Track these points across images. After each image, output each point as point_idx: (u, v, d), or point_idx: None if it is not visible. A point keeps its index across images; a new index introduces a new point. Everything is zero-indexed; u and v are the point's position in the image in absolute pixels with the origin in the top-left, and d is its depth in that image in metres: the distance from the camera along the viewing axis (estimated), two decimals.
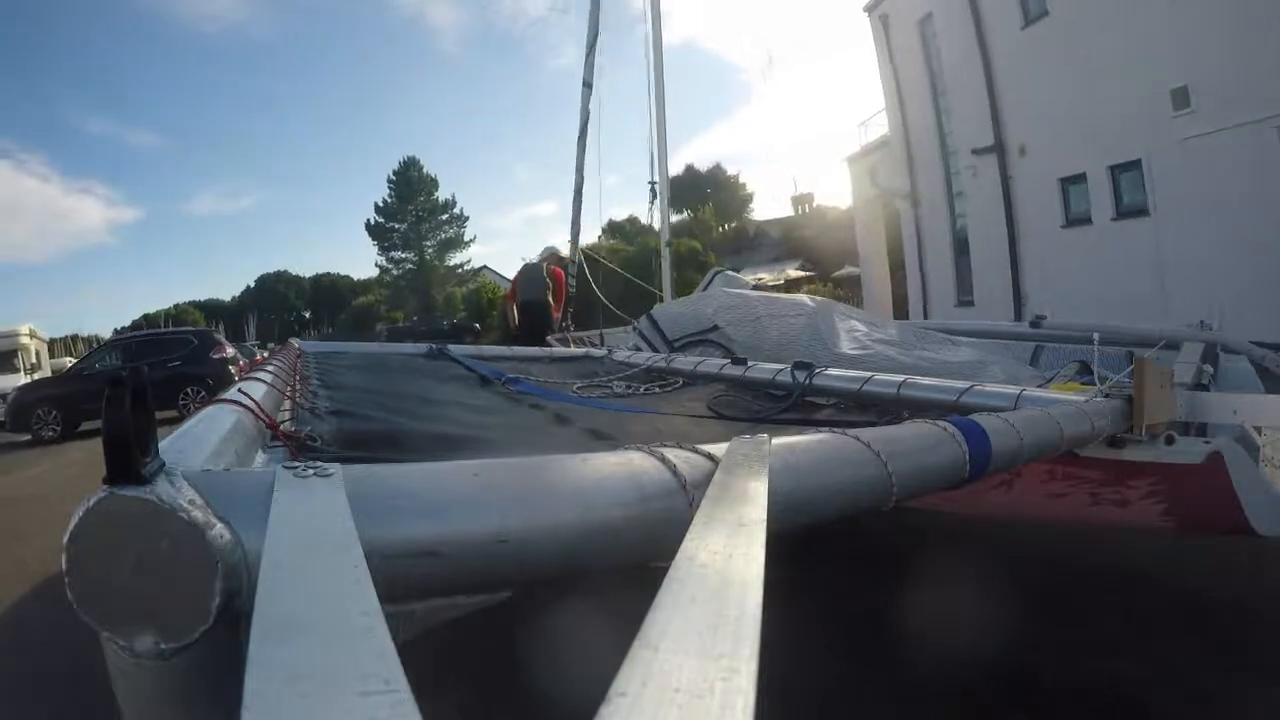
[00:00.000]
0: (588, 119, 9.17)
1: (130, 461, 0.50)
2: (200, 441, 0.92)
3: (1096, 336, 2.57)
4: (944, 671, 1.85)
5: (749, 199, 45.84)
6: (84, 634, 0.49)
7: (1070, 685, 2.03)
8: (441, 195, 50.59)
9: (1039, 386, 2.15)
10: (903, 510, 1.10)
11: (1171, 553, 2.65)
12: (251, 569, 0.51)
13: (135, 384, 0.52)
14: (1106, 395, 1.77)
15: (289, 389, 2.02)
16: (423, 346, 4.18)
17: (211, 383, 10.97)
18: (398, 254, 50.60)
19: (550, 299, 8.16)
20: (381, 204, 50.30)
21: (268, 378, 1.83)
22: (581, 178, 9.26)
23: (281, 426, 1.41)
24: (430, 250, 50.24)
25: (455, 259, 51.57)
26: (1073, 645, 2.23)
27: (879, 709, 1.95)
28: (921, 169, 16.44)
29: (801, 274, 24.51)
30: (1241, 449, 1.65)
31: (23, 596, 3.33)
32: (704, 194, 42.28)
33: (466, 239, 51.59)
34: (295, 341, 3.67)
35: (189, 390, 11.38)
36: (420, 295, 47.68)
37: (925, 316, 15.04)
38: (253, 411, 1.29)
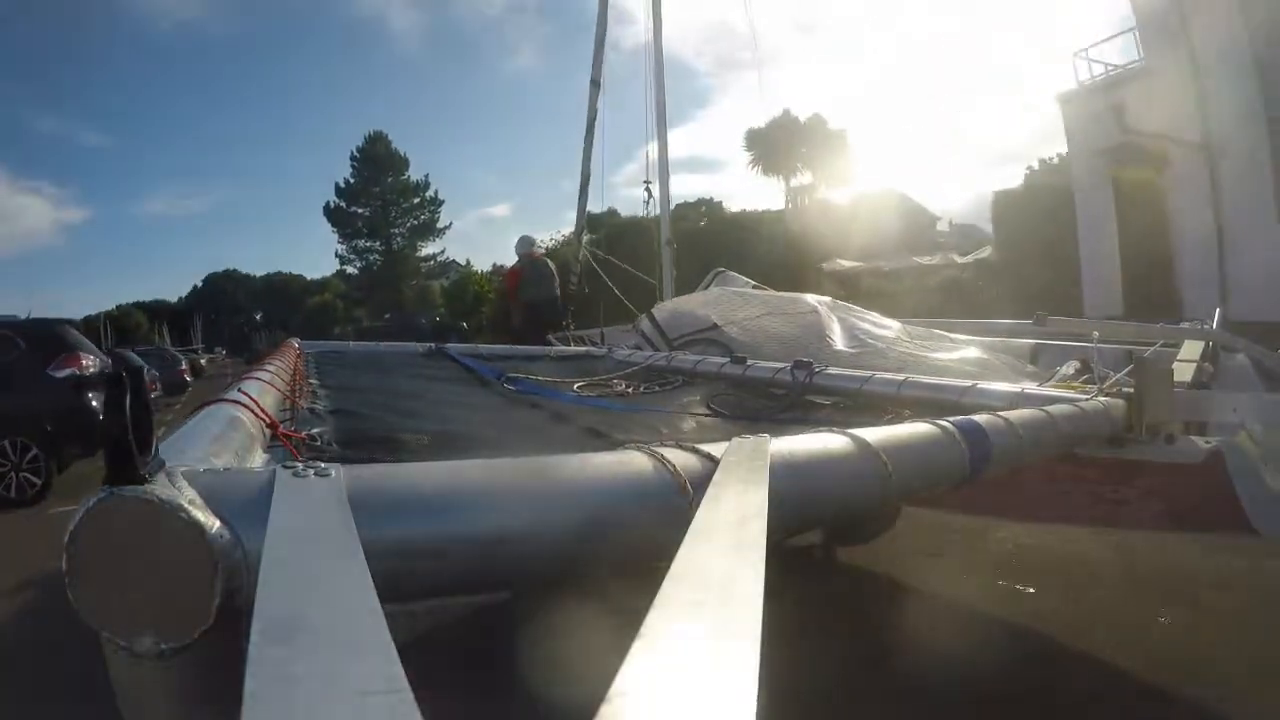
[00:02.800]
0: (594, 117, 9.19)
1: (129, 461, 0.50)
2: (200, 441, 0.91)
3: (1096, 336, 2.57)
4: (945, 671, 1.85)
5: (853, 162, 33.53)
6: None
7: (1071, 686, 2.03)
8: (413, 175, 43.23)
9: (1039, 386, 2.15)
10: (903, 510, 1.10)
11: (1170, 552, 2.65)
12: (251, 569, 0.51)
13: (134, 383, 0.52)
14: (1106, 395, 1.77)
15: (289, 388, 2.02)
16: (420, 346, 4.19)
17: (49, 427, 5.64)
18: (362, 242, 42.99)
19: (559, 298, 8.07)
20: (344, 184, 42.33)
21: (267, 377, 1.83)
22: (587, 175, 9.29)
23: (282, 426, 1.41)
24: (400, 238, 42.95)
25: (428, 249, 43.95)
26: (1073, 646, 2.23)
27: (879, 709, 1.95)
28: (1221, 105, 11.18)
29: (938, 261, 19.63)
30: (1241, 449, 1.65)
31: None
32: (798, 152, 31.47)
33: (440, 225, 43.86)
34: (295, 341, 3.67)
35: (4, 444, 5.49)
36: (389, 290, 40.40)
37: (1225, 313, 10.75)
38: (253, 411, 1.29)
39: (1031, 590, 2.60)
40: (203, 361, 23.37)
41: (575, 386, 2.80)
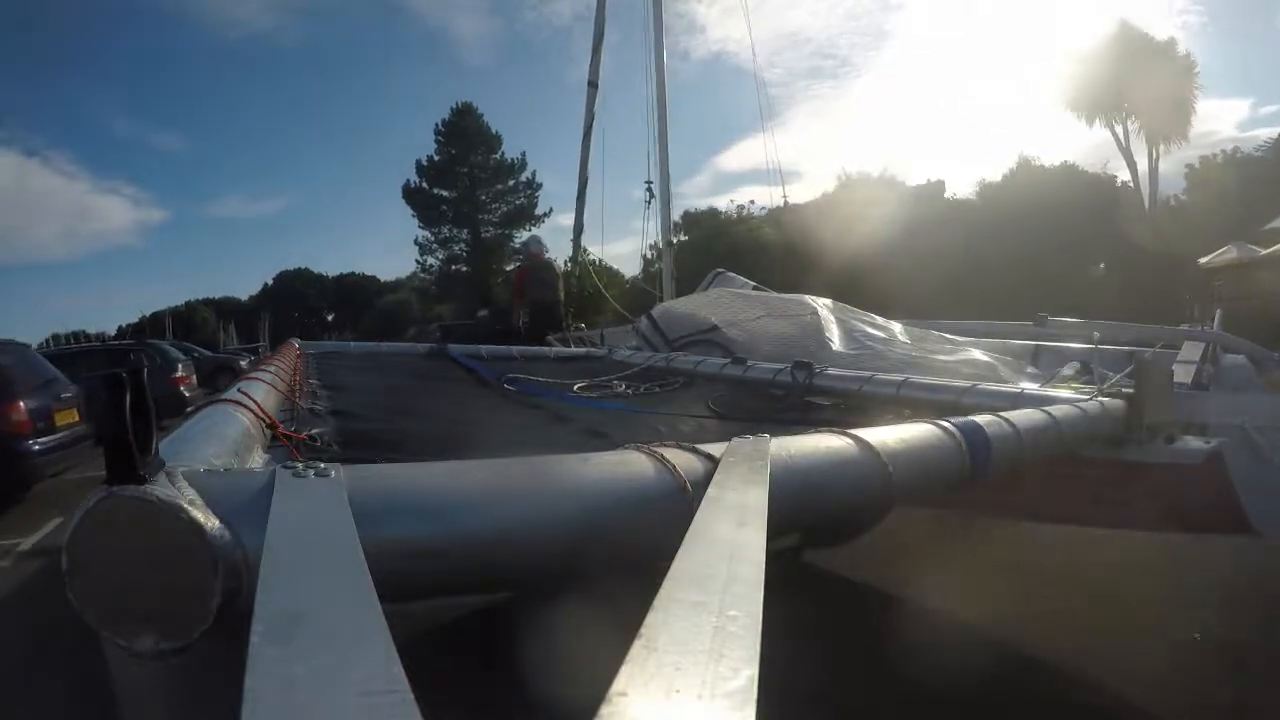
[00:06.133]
0: (593, 120, 9.13)
1: (129, 462, 0.50)
2: (200, 441, 0.92)
3: (1097, 336, 2.57)
4: (944, 672, 1.85)
5: (1197, 89, 20.61)
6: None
7: (1070, 687, 2.02)
8: (508, 154, 36.00)
9: (1039, 386, 2.15)
10: (903, 510, 1.10)
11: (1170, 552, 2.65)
12: (251, 569, 0.51)
13: (134, 383, 0.52)
14: (1106, 395, 1.77)
15: (289, 389, 2.02)
16: (421, 347, 4.19)
17: None
18: (445, 229, 36.11)
19: (563, 299, 8.06)
20: (426, 162, 35.65)
21: (268, 378, 1.83)
22: (585, 178, 9.24)
23: (281, 426, 1.41)
24: (490, 225, 36.02)
25: (523, 239, 33.72)
26: (1073, 647, 2.22)
27: (879, 709, 1.94)
28: None
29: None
30: (1241, 449, 1.65)
31: None
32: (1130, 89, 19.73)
33: (539, 212, 35.90)
34: (295, 341, 3.67)
35: None
36: (475, 284, 34.13)
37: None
38: (253, 411, 1.29)
39: (1032, 592, 2.60)
40: (243, 364, 15.74)
41: (576, 387, 2.80)
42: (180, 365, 10.10)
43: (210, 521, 0.52)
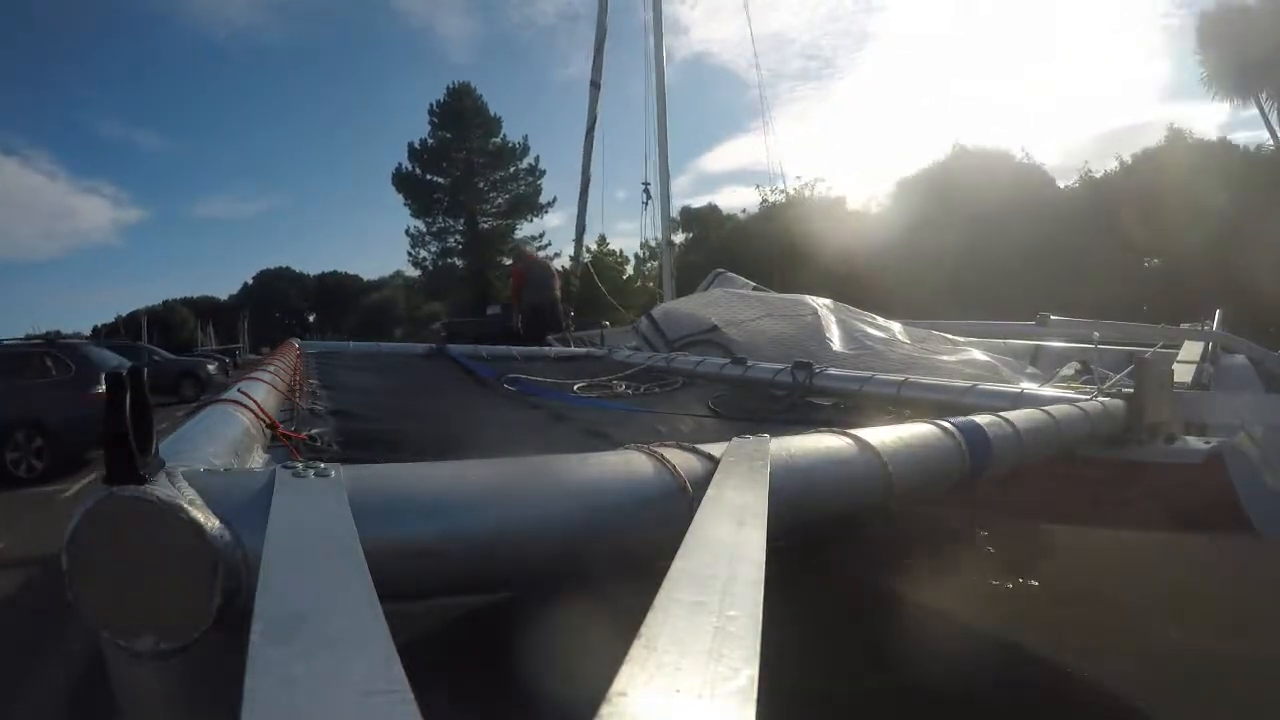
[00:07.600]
0: (595, 120, 9.12)
1: (129, 461, 0.50)
2: (200, 441, 0.92)
3: (1097, 336, 2.57)
4: (944, 672, 1.85)
5: None
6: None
7: (1069, 687, 2.02)
8: (510, 137, 33.33)
9: (1039, 387, 2.15)
10: (903, 510, 1.10)
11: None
12: (251, 569, 0.51)
13: (134, 383, 0.52)
14: (1106, 395, 1.77)
15: (289, 389, 2.02)
16: (421, 347, 4.19)
17: None
18: (439, 220, 33.22)
19: (559, 300, 8.05)
20: (418, 145, 32.88)
21: (268, 378, 1.83)
22: (588, 178, 9.24)
23: (281, 426, 1.41)
24: (490, 215, 33.18)
25: (525, 229, 32.90)
26: (1072, 647, 2.22)
27: (879, 709, 1.94)
28: None
29: None
30: (1241, 449, 1.65)
31: None
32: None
33: (543, 201, 33.36)
34: (295, 341, 3.67)
35: None
36: (472, 279, 31.20)
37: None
38: (253, 411, 1.29)
39: (1031, 592, 2.60)
40: (210, 368, 15.10)
41: (575, 387, 2.80)
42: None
43: (210, 521, 0.52)
